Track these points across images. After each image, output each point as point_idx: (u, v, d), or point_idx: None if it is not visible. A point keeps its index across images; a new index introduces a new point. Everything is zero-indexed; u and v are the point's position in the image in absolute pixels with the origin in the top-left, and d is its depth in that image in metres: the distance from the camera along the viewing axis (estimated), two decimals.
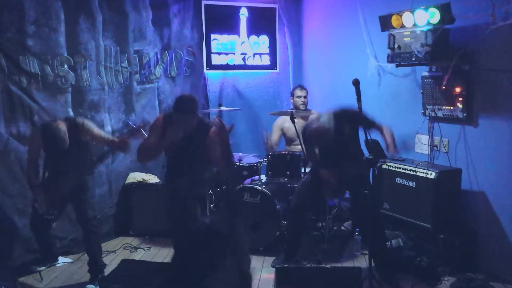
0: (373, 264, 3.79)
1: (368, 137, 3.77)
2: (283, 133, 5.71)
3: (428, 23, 4.08)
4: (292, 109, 5.52)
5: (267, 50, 6.81)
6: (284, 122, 5.61)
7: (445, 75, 4.30)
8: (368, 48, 5.43)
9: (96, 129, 4.25)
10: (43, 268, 4.55)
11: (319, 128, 4.15)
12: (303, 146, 4.57)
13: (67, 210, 4.50)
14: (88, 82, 5.12)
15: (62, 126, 4.03)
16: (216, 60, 6.53)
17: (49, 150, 4.18)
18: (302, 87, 5.69)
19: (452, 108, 4.36)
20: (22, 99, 4.62)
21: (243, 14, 6.59)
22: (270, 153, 5.13)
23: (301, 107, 5.56)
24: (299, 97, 5.58)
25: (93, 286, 4.13)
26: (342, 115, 4.12)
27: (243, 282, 2.03)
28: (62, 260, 4.75)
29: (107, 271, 4.23)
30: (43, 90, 4.74)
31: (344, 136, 4.12)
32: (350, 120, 4.07)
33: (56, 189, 4.09)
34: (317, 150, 4.45)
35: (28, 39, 4.62)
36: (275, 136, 5.71)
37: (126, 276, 3.57)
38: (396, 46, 4.39)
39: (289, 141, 5.67)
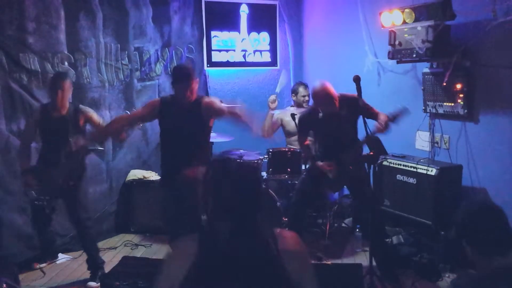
0: (373, 260, 3.79)
1: (369, 133, 3.76)
2: (282, 126, 5.68)
3: (428, 19, 4.07)
4: (292, 105, 5.52)
5: (268, 47, 6.80)
6: (285, 116, 5.60)
7: (446, 71, 4.29)
8: (366, 45, 5.42)
9: (95, 116, 4.27)
10: (44, 264, 4.56)
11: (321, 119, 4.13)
12: (298, 136, 4.57)
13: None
14: (88, 79, 5.12)
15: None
16: (216, 57, 6.53)
17: (45, 133, 4.18)
18: (305, 86, 5.68)
19: (453, 104, 4.35)
20: (22, 97, 4.61)
21: (244, 10, 6.58)
22: (271, 150, 5.12)
23: (304, 105, 5.56)
24: (304, 96, 5.57)
25: (94, 283, 4.14)
26: (344, 100, 4.10)
27: None
28: (63, 257, 4.76)
29: (108, 268, 4.24)
30: (43, 87, 4.72)
31: (343, 122, 4.11)
32: (350, 105, 4.05)
33: (48, 174, 4.08)
34: (315, 140, 4.46)
35: (28, 36, 4.61)
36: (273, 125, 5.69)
37: (127, 273, 3.57)
38: (397, 42, 4.38)
39: (288, 134, 5.66)
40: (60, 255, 4.76)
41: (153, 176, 5.60)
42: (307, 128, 4.43)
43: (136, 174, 5.59)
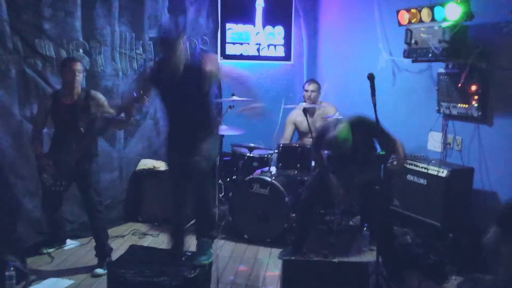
0: (380, 260, 3.78)
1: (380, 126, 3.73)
2: (296, 127, 5.70)
3: (447, 19, 4.03)
4: (304, 101, 5.51)
5: (282, 41, 6.77)
6: (297, 116, 5.60)
7: (462, 72, 4.25)
8: (380, 43, 5.38)
9: (106, 104, 4.26)
10: (52, 249, 4.60)
11: (334, 140, 4.09)
12: (312, 148, 4.58)
13: (77, 193, 4.53)
14: (102, 68, 5.14)
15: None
16: (230, 49, 6.52)
17: (56, 120, 4.21)
18: (311, 81, 5.68)
19: (467, 106, 4.31)
20: (36, 82, 4.64)
21: (259, 4, 6.55)
22: (281, 145, 5.11)
23: (308, 101, 5.56)
24: (306, 91, 5.59)
25: (101, 270, 4.16)
26: (358, 125, 4.04)
27: None
28: (70, 242, 4.80)
29: (115, 256, 4.26)
30: (57, 73, 4.75)
31: (357, 145, 4.07)
32: (366, 131, 4.01)
33: (62, 159, 4.12)
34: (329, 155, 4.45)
35: (45, 23, 4.63)
36: (288, 131, 5.71)
37: (134, 262, 3.59)
38: (413, 41, 4.34)
39: (302, 134, 5.66)
40: (68, 241, 4.80)
41: (163, 166, 5.61)
42: (322, 144, 4.40)
43: (146, 163, 5.61)
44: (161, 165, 5.61)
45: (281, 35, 6.75)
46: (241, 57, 6.59)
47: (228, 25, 6.46)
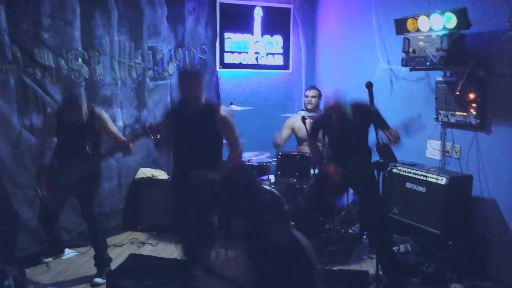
0: (380, 268, 3.77)
1: (379, 140, 3.75)
2: (294, 133, 5.72)
3: (444, 28, 4.06)
4: (303, 109, 5.53)
5: (281, 50, 6.80)
6: (295, 121, 5.62)
7: (459, 80, 4.27)
8: (378, 51, 5.41)
9: (110, 122, 4.27)
10: (50, 259, 4.58)
11: (337, 103, 4.20)
12: (308, 136, 4.63)
13: (75, 203, 4.53)
14: (101, 77, 5.14)
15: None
16: (229, 58, 6.54)
17: (61, 135, 4.19)
18: (311, 88, 5.74)
19: (465, 114, 4.32)
20: (35, 92, 4.65)
21: (258, 13, 6.59)
22: (280, 153, 5.12)
23: (308, 106, 5.59)
24: (307, 96, 5.62)
25: (100, 279, 4.15)
26: (357, 108, 4.13)
27: None
28: (69, 252, 4.78)
29: (114, 265, 4.25)
30: (56, 83, 4.77)
31: (355, 129, 4.12)
32: (364, 114, 4.05)
33: (62, 177, 4.10)
34: (326, 140, 4.47)
35: (44, 32, 4.65)
36: (284, 133, 5.72)
37: (133, 271, 3.58)
38: (411, 50, 4.36)
39: (300, 141, 5.67)
40: (67, 251, 4.79)
41: (162, 175, 5.61)
42: (318, 128, 4.46)
43: (145, 172, 5.60)
44: (160, 174, 5.61)
45: (280, 44, 6.78)
46: (239, 66, 6.61)
47: (226, 34, 6.49)
